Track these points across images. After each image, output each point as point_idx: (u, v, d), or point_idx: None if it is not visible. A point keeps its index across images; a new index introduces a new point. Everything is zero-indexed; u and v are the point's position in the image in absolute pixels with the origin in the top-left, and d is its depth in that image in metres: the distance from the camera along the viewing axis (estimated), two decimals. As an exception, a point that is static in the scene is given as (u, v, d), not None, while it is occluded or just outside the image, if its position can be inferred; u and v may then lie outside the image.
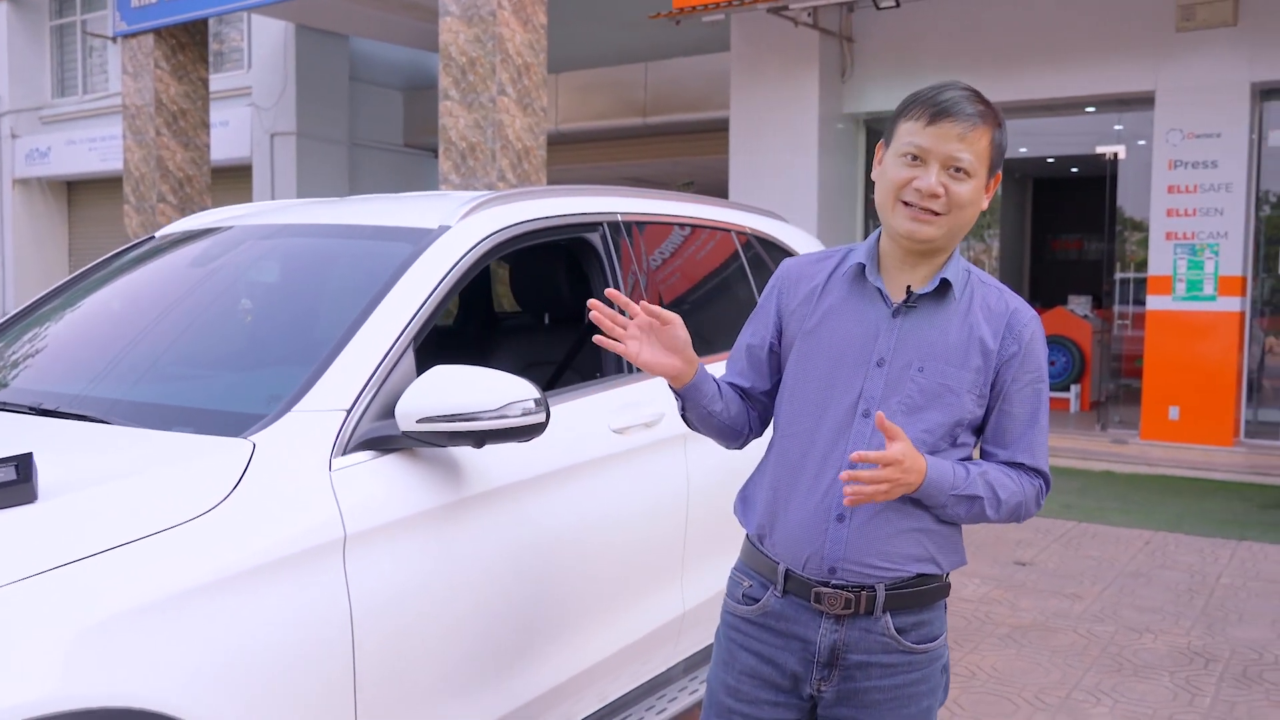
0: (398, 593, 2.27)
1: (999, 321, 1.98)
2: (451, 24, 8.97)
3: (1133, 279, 10.96)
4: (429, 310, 2.56)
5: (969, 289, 2.00)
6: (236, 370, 2.80)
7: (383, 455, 2.34)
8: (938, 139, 1.89)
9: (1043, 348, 2.02)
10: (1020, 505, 2.00)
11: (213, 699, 1.89)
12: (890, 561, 1.95)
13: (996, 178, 1.98)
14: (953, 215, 1.91)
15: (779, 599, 2.01)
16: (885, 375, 1.94)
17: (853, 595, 1.95)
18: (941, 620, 2.04)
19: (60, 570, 1.78)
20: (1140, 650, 4.58)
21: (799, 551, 1.98)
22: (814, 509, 1.96)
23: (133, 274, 3.24)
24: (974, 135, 1.89)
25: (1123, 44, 9.43)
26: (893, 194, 1.93)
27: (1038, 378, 2.00)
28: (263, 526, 2.06)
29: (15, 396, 2.67)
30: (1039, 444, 2.02)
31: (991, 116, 1.93)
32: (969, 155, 1.89)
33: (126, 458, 2.15)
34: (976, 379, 1.95)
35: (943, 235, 1.93)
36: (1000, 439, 2.00)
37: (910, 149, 1.91)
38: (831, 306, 2.01)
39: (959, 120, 1.89)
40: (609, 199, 3.41)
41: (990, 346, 1.96)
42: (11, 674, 1.66)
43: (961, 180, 1.90)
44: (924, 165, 1.90)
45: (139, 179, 12.58)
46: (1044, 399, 2.02)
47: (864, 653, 1.97)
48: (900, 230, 1.93)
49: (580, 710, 2.88)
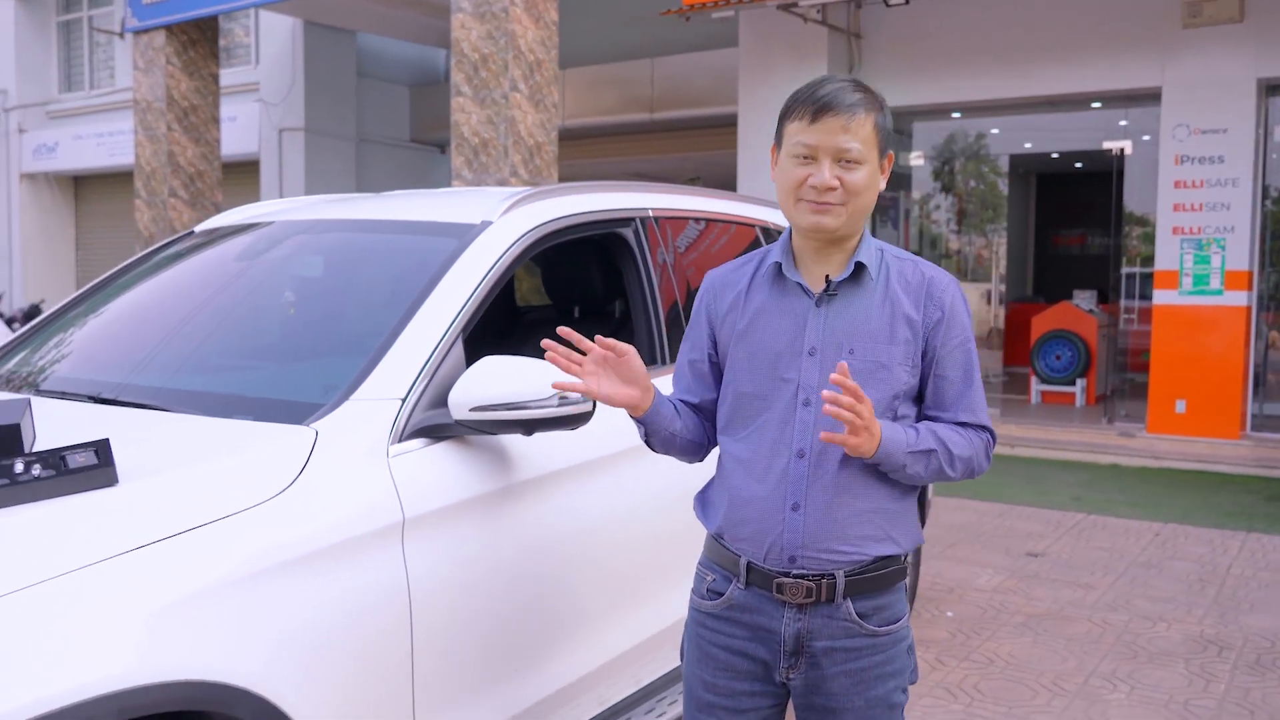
0: (451, 574, 2.35)
1: (918, 292, 2.04)
2: (464, 20, 9.03)
3: (1138, 273, 11.04)
4: (476, 302, 2.64)
5: (884, 267, 2.06)
6: (290, 361, 2.88)
7: (435, 443, 2.42)
8: (823, 134, 1.95)
9: (965, 309, 2.08)
10: (972, 458, 2.07)
11: (284, 672, 1.97)
12: (849, 545, 2.00)
13: (889, 158, 2.05)
14: (851, 203, 1.97)
15: (742, 591, 2.06)
16: (819, 363, 2.00)
17: (813, 584, 1.99)
18: (902, 603, 2.09)
19: (142, 550, 1.86)
20: (1154, 638, 4.66)
21: (759, 543, 2.02)
22: (769, 500, 2.01)
23: (180, 267, 3.32)
24: (857, 124, 1.95)
25: (1129, 40, 9.50)
26: (791, 193, 2.00)
27: (965, 338, 2.07)
28: (328, 510, 2.14)
29: (73, 386, 2.75)
30: (977, 402, 2.09)
31: (872, 102, 1.99)
32: (856, 144, 1.95)
33: (196, 444, 2.24)
34: (907, 350, 2.01)
35: (846, 222, 1.99)
36: (940, 402, 2.07)
37: (800, 149, 1.97)
38: (758, 308, 2.08)
39: (840, 112, 1.94)
40: (641, 195, 3.49)
41: (914, 317, 2.02)
42: (97, 648, 1.73)
43: (853, 169, 1.96)
44: (815, 161, 1.96)
45: (150, 174, 12.64)
46: (974, 359, 2.09)
47: (828, 639, 2.01)
48: (805, 225, 2.00)
49: (616, 694, 2.96)
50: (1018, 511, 7.13)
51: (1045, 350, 11.75)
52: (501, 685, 2.51)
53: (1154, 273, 9.54)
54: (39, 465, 1.94)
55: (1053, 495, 7.71)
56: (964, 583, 5.46)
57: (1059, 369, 11.70)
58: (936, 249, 13.92)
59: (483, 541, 2.45)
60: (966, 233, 14.74)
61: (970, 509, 7.11)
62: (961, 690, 4.07)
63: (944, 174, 13.86)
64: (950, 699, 3.99)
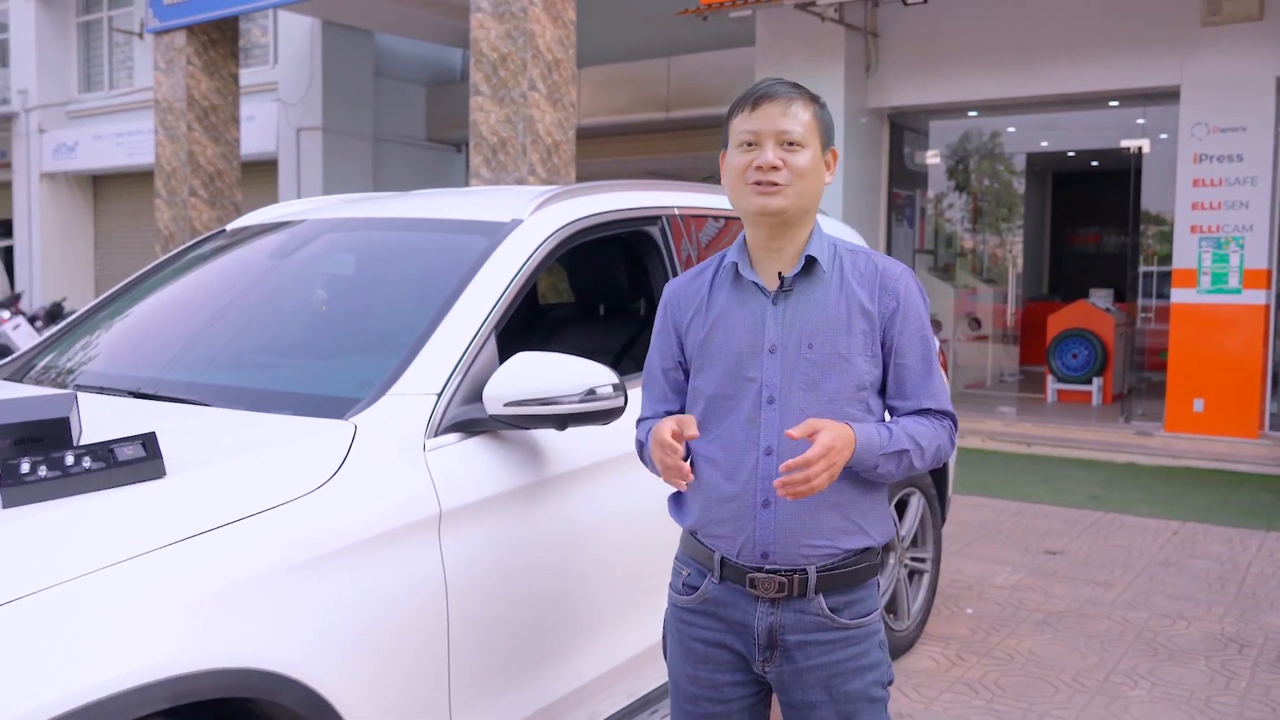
0: (486, 566, 2.40)
1: (871, 283, 2.08)
2: (483, 20, 9.08)
3: (1156, 272, 11.04)
4: (508, 299, 2.68)
5: (838, 260, 2.10)
6: (326, 357, 2.93)
7: (470, 437, 2.47)
8: (764, 119, 2.03)
9: (919, 297, 2.12)
10: (940, 448, 2.11)
11: (326, 661, 2.02)
12: (821, 539, 2.04)
13: (834, 153, 2.11)
14: (796, 184, 2.02)
15: (716, 585, 2.10)
16: (780, 360, 2.04)
17: (785, 579, 2.03)
18: (874, 597, 2.12)
19: (190, 541, 1.91)
20: (1175, 636, 4.67)
21: (732, 540, 2.06)
22: (740, 499, 2.05)
23: (213, 265, 3.37)
24: (795, 109, 2.03)
25: (1148, 38, 9.50)
26: (739, 179, 2.06)
27: (921, 325, 2.11)
28: (367, 503, 2.18)
29: (112, 381, 2.80)
30: (938, 388, 2.12)
31: (809, 95, 2.08)
32: (796, 127, 2.02)
33: (238, 438, 2.28)
34: (865, 341, 2.05)
35: (792, 204, 2.03)
36: (901, 390, 2.10)
37: (744, 136, 2.05)
38: (719, 312, 2.12)
39: (778, 98, 2.03)
40: (666, 193, 3.53)
41: (869, 308, 2.06)
42: (149, 635, 1.78)
43: (796, 151, 2.02)
44: (759, 146, 2.03)
45: (170, 173, 12.73)
46: (932, 345, 2.13)
47: (800, 632, 2.05)
48: (752, 208, 2.05)
49: (645, 686, 3.00)
50: (1035, 510, 7.14)
51: (1062, 349, 11.75)
52: (533, 676, 2.55)
53: (1172, 271, 9.53)
54: (89, 458, 1.99)
55: (1070, 494, 7.72)
56: (983, 580, 5.48)
57: (1075, 368, 11.69)
58: (952, 248, 13.94)
59: (516, 535, 2.49)
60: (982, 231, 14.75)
61: (988, 507, 7.13)
62: (982, 686, 4.10)
63: (959, 173, 13.87)
64: (971, 695, 4.02)
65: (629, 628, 2.88)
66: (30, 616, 1.68)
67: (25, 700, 1.60)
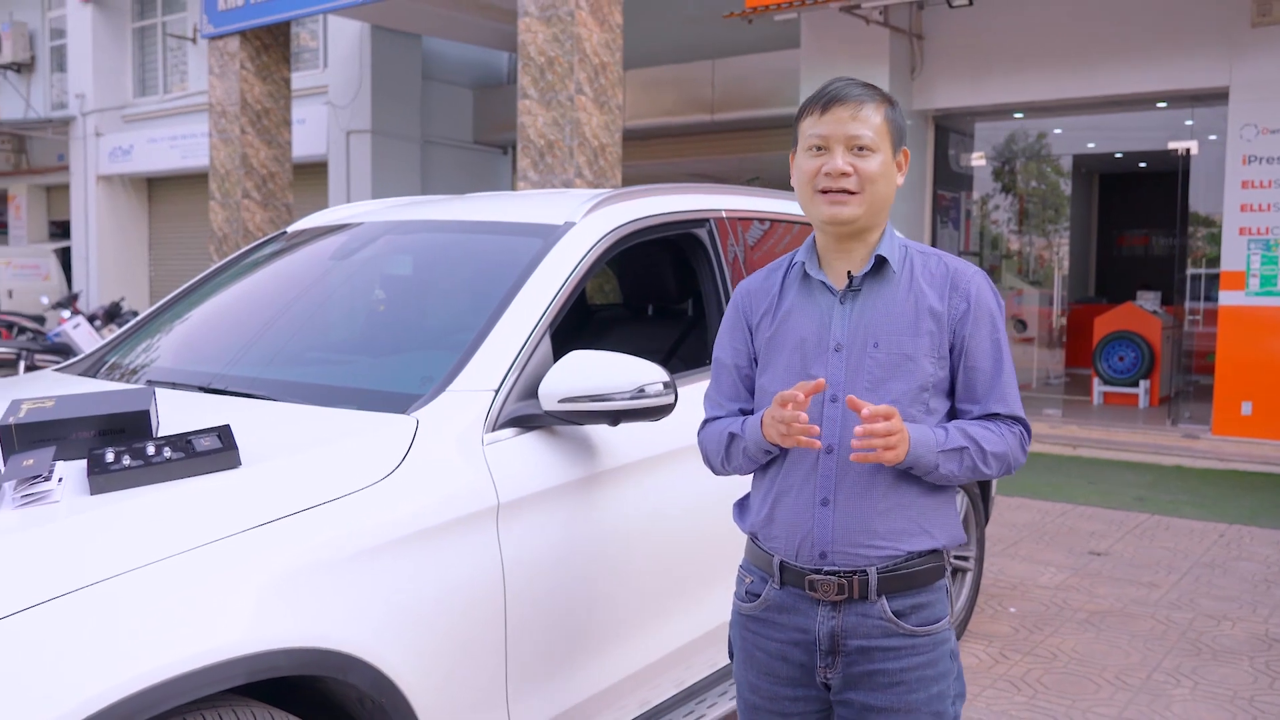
0: (541, 556, 2.49)
1: (942, 284, 2.05)
2: (530, 24, 9.20)
3: (1204, 274, 10.95)
4: (562, 299, 2.78)
5: (908, 261, 2.08)
6: (387, 354, 3.04)
7: (526, 432, 2.56)
8: (834, 124, 2.00)
9: (992, 299, 2.08)
10: (1007, 453, 2.05)
11: (392, 643, 2.12)
12: (881, 540, 2.00)
13: (905, 154, 2.09)
14: (867, 191, 2.00)
15: (778, 591, 2.08)
16: (845, 359, 2.02)
17: (844, 580, 2.00)
18: (943, 603, 2.06)
19: (264, 527, 2.02)
20: (1219, 636, 4.69)
21: (790, 541, 2.04)
22: (798, 498, 2.04)
23: (276, 266, 3.50)
24: (866, 113, 2.00)
25: (1196, 39, 9.45)
26: (808, 185, 2.03)
27: (993, 329, 2.06)
28: (429, 493, 2.29)
29: (182, 377, 2.93)
30: (1010, 392, 2.07)
31: (882, 96, 2.04)
32: (867, 131, 2.00)
33: (306, 431, 2.39)
34: (932, 342, 2.02)
35: (864, 213, 2.01)
36: (971, 394, 2.06)
37: (814, 140, 2.02)
38: (787, 310, 2.11)
39: (848, 102, 2.00)
40: (713, 196, 3.61)
41: (939, 309, 2.03)
42: (228, 615, 1.89)
43: (866, 157, 2.00)
44: (829, 151, 2.01)
45: (224, 176, 12.98)
46: (1004, 349, 2.08)
47: (863, 637, 2.01)
48: (823, 217, 2.03)
49: (692, 676, 3.08)
50: (1080, 511, 7.15)
51: (1108, 351, 11.69)
52: (586, 662, 2.65)
53: (1220, 273, 9.48)
54: (169, 448, 2.11)
55: (1116, 496, 7.71)
56: (1027, 580, 5.51)
57: (1122, 370, 11.63)
58: (998, 249, 13.90)
59: (570, 526, 2.58)
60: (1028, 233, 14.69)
61: (1033, 508, 7.15)
62: (1025, 683, 4.14)
63: (1005, 174, 13.83)
64: (1014, 691, 4.06)
65: (678, 618, 2.96)
66: (121, 595, 1.79)
67: (121, 671, 1.71)
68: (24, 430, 2.16)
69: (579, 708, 2.64)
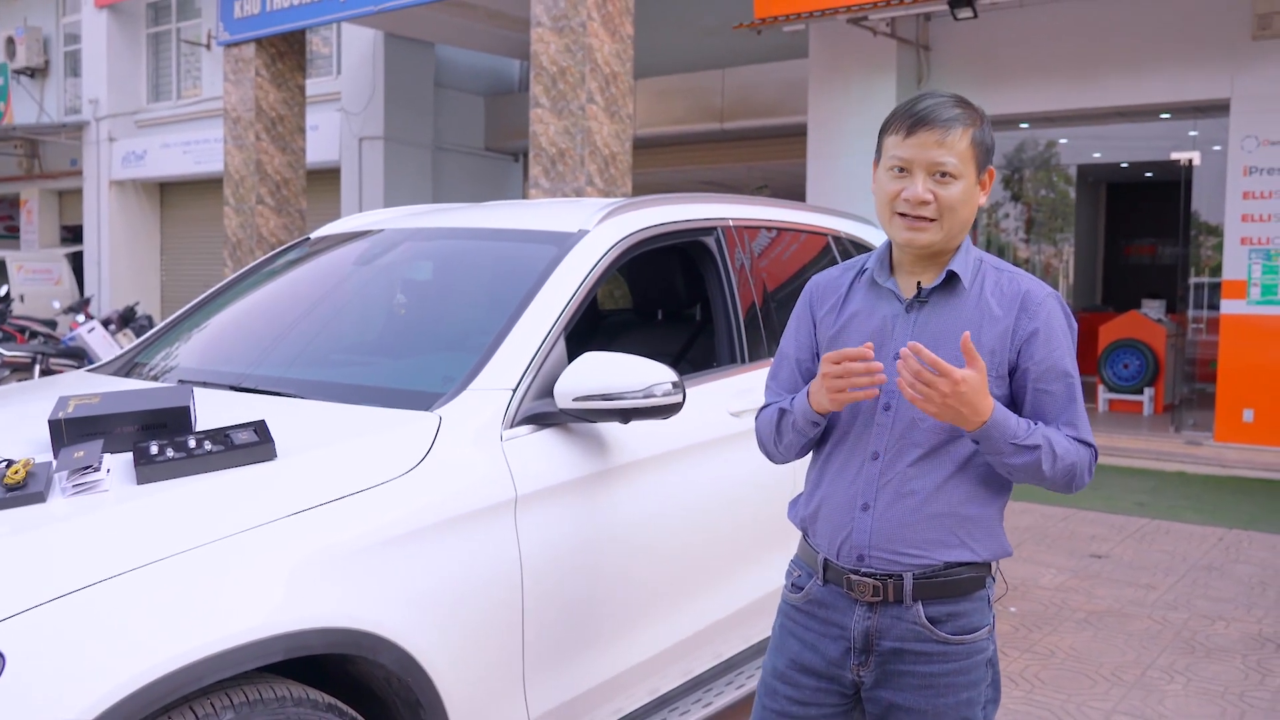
0: (556, 547, 2.63)
1: (1012, 303, 2.02)
2: (543, 34, 9.35)
3: (1207, 283, 11.07)
4: (577, 303, 2.91)
5: (980, 276, 2.05)
6: (409, 355, 3.18)
7: (542, 429, 2.70)
8: (918, 148, 1.96)
9: (1065, 323, 2.04)
10: (1074, 466, 2.00)
11: (418, 626, 2.25)
12: (916, 549, 2.00)
13: (990, 173, 2.06)
14: (946, 219, 1.98)
15: (821, 587, 2.11)
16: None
17: (880, 583, 2.01)
18: (982, 612, 2.06)
19: (300, 515, 2.15)
20: (1213, 635, 4.80)
21: (833, 540, 2.07)
22: (843, 499, 2.06)
23: (301, 270, 3.64)
24: (952, 139, 1.96)
25: (1199, 52, 9.57)
26: (887, 206, 2.02)
27: (1065, 353, 2.02)
28: (452, 485, 2.42)
29: (213, 376, 3.07)
30: (1080, 417, 2.03)
31: (971, 117, 2.00)
32: (951, 159, 1.96)
33: (336, 426, 2.53)
34: (993, 360, 2.00)
35: (941, 238, 2.00)
36: (1042, 415, 2.02)
37: (896, 161, 1.99)
38: (853, 312, 2.12)
39: (935, 127, 1.95)
40: (722, 205, 3.74)
41: (1004, 327, 2.01)
42: (266, 596, 2.02)
43: (948, 184, 1.97)
44: (910, 175, 1.98)
45: (239, 181, 13.15)
46: (1075, 374, 2.04)
47: (896, 640, 2.03)
48: (899, 240, 2.03)
49: (699, 666, 3.21)
50: (1082, 515, 7.26)
51: (1113, 359, 11.80)
52: (598, 650, 2.78)
53: (1222, 282, 9.59)
54: (209, 441, 2.25)
55: (1118, 500, 7.82)
56: (1028, 581, 5.63)
57: (1127, 378, 11.74)
58: (1005, 257, 14.00)
59: (584, 518, 2.72)
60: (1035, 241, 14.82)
61: (1036, 512, 7.26)
62: (1023, 678, 4.26)
63: (1013, 183, 13.96)
64: (1012, 686, 4.18)
65: (686, 610, 3.09)
66: (170, 576, 1.92)
67: (172, 646, 1.84)
68: (73, 425, 2.31)
69: (591, 693, 2.77)
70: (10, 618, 1.76)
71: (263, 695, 1.99)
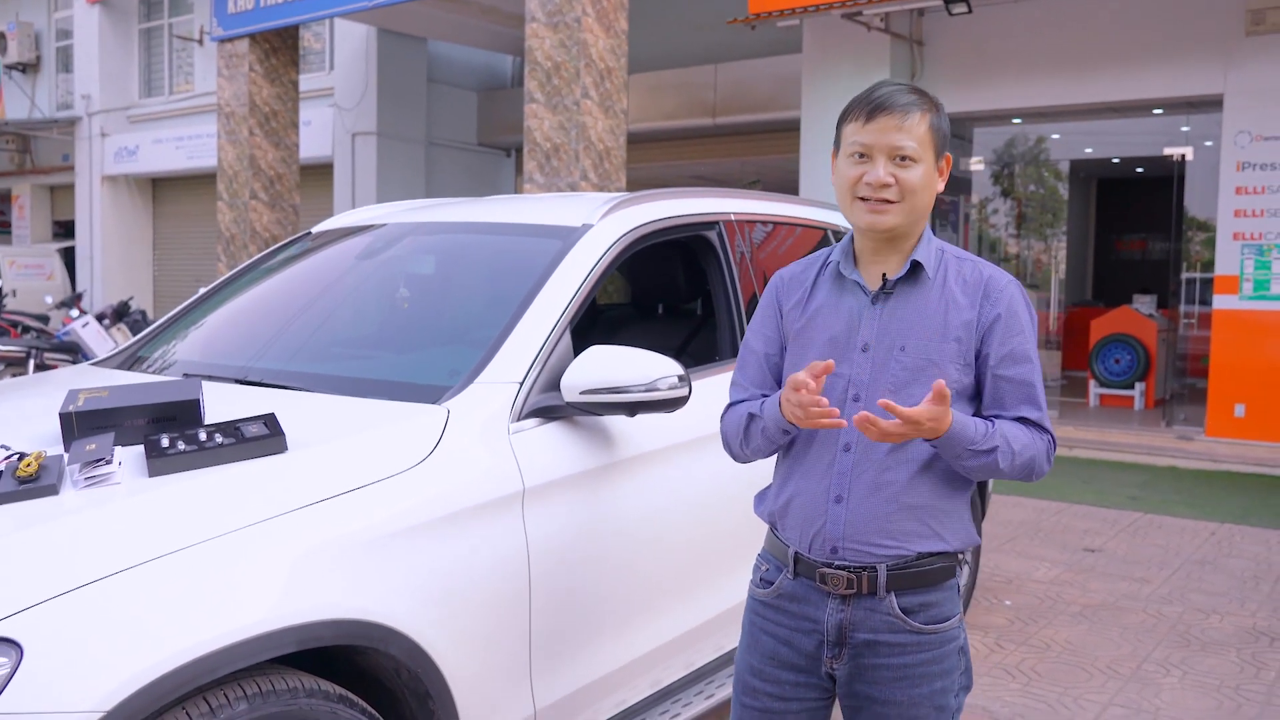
0: (563, 539, 2.64)
1: (975, 291, 2.05)
2: (537, 30, 9.35)
3: (1199, 279, 11.12)
4: (582, 297, 2.93)
5: (943, 266, 2.08)
6: (415, 348, 3.19)
7: (548, 422, 2.72)
8: (879, 133, 2.00)
9: (1026, 310, 2.08)
10: (1033, 460, 2.04)
11: (426, 617, 2.26)
12: (891, 539, 2.02)
13: (947, 160, 2.08)
14: (907, 201, 2.01)
15: (791, 581, 2.11)
16: (871, 360, 2.04)
17: (854, 575, 2.02)
18: (953, 601, 2.08)
19: (310, 507, 2.17)
20: (1207, 629, 4.84)
21: (805, 534, 2.07)
22: (815, 492, 2.07)
23: (303, 265, 3.65)
24: (911, 123, 2.00)
25: (1192, 47, 9.61)
26: (848, 192, 2.05)
27: (1025, 339, 2.06)
28: (460, 478, 2.44)
29: (218, 370, 3.08)
30: (1040, 404, 2.07)
31: (927, 103, 2.04)
32: (911, 142, 1.99)
33: (344, 420, 2.54)
34: (959, 349, 2.03)
35: (903, 221, 2.03)
36: (1000, 402, 2.06)
37: (856, 147, 2.02)
38: (819, 305, 2.13)
39: (894, 112, 1.99)
40: (723, 200, 3.76)
41: (969, 315, 2.04)
42: (278, 588, 2.04)
43: (908, 167, 2.00)
44: (871, 160, 2.01)
45: (232, 176, 13.13)
46: (1035, 360, 2.08)
47: (870, 631, 2.04)
48: (861, 224, 2.05)
49: (701, 658, 3.23)
50: (1075, 510, 7.30)
51: (1104, 354, 11.85)
52: (603, 642, 2.79)
53: (1214, 278, 9.64)
54: (220, 434, 2.26)
55: (1110, 495, 7.86)
56: (1022, 575, 5.66)
57: (1118, 373, 11.79)
58: (996, 253, 14.05)
59: (590, 511, 2.73)
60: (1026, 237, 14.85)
61: (1029, 506, 7.30)
62: (1019, 671, 4.29)
63: (1004, 178, 13.99)
64: (1008, 679, 4.21)
65: (690, 602, 3.11)
66: (181, 569, 1.94)
67: (186, 637, 1.86)
68: (84, 418, 2.32)
69: (596, 684, 2.79)
70: (27, 609, 1.77)
71: (275, 686, 2.00)
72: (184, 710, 1.87)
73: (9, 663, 1.71)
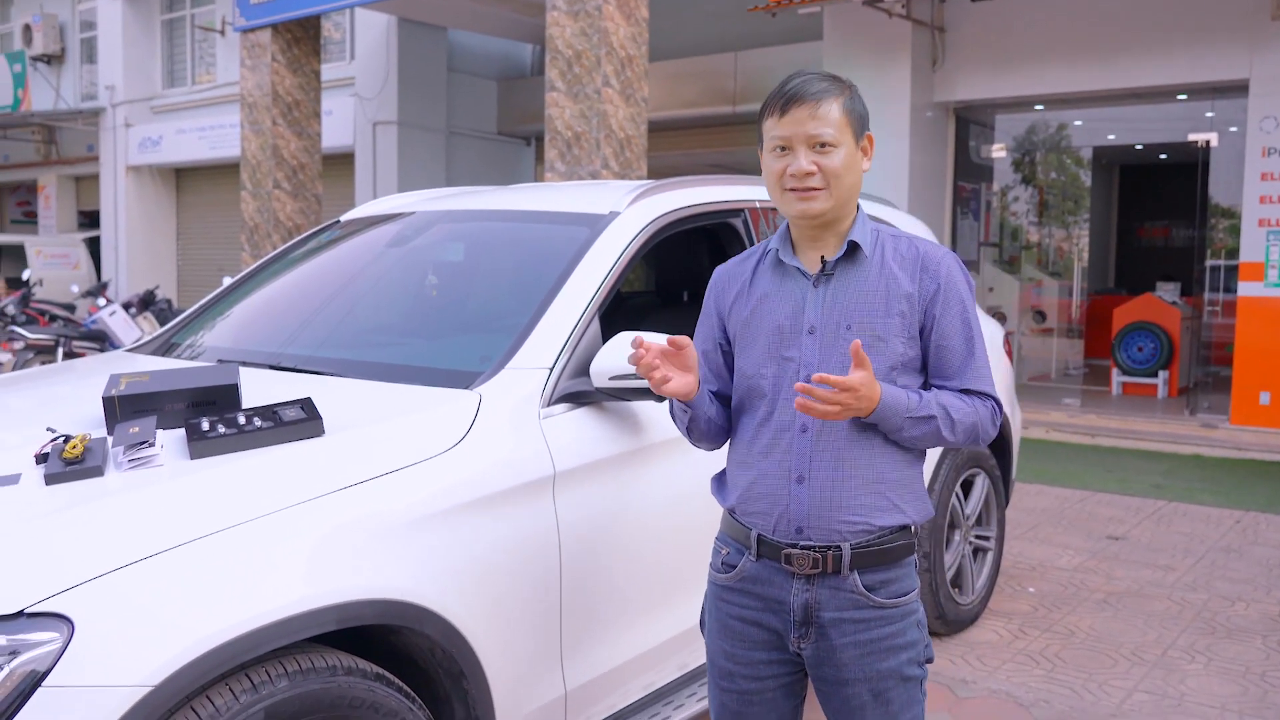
0: (593, 522, 2.68)
1: (913, 266, 2.11)
2: (558, 18, 9.37)
3: (1223, 266, 11.06)
4: (610, 284, 2.96)
5: (879, 245, 2.13)
6: (446, 335, 3.23)
7: (577, 407, 2.75)
8: (794, 125, 2.05)
9: (963, 280, 2.14)
10: (976, 425, 2.12)
11: (460, 598, 2.31)
12: (855, 514, 2.07)
13: (869, 139, 2.13)
14: (833, 186, 2.06)
15: (754, 563, 2.14)
16: (818, 341, 2.08)
17: (820, 555, 2.06)
18: (911, 577, 2.14)
19: (348, 490, 2.21)
20: (1233, 616, 4.84)
21: (768, 517, 2.10)
22: (775, 474, 2.10)
23: (334, 252, 3.69)
24: (825, 110, 2.04)
25: (1216, 32, 9.55)
26: (777, 184, 2.10)
27: (964, 309, 2.12)
28: (493, 462, 2.47)
29: (251, 356, 3.12)
30: (981, 370, 2.14)
31: (839, 87, 2.09)
32: (827, 129, 2.04)
33: (379, 404, 2.59)
34: (903, 323, 2.09)
35: (832, 205, 2.07)
36: (943, 371, 2.13)
37: (777, 141, 2.08)
38: (762, 295, 2.16)
39: (806, 101, 2.04)
40: (747, 188, 3.77)
41: (909, 290, 2.09)
42: (314, 570, 2.08)
43: (829, 153, 2.05)
44: (792, 151, 2.06)
45: (255, 166, 13.20)
46: (975, 328, 2.14)
47: (835, 610, 2.08)
48: (793, 213, 2.10)
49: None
50: (1098, 498, 7.29)
51: (1127, 342, 11.80)
52: (632, 624, 2.83)
53: (1239, 265, 9.59)
54: (259, 418, 2.30)
55: (1133, 483, 7.85)
56: (1046, 562, 5.67)
57: (1141, 361, 11.74)
58: (1017, 241, 14.01)
59: (619, 495, 2.77)
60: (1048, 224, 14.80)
61: (1052, 494, 7.30)
62: (1044, 657, 4.31)
63: (1025, 166, 13.94)
64: (1033, 665, 4.23)
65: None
66: (224, 549, 1.98)
67: (225, 615, 1.90)
68: (126, 401, 2.36)
69: (624, 666, 2.83)
70: (78, 586, 1.81)
71: (315, 664, 2.04)
72: (228, 686, 1.92)
73: (61, 638, 1.76)
